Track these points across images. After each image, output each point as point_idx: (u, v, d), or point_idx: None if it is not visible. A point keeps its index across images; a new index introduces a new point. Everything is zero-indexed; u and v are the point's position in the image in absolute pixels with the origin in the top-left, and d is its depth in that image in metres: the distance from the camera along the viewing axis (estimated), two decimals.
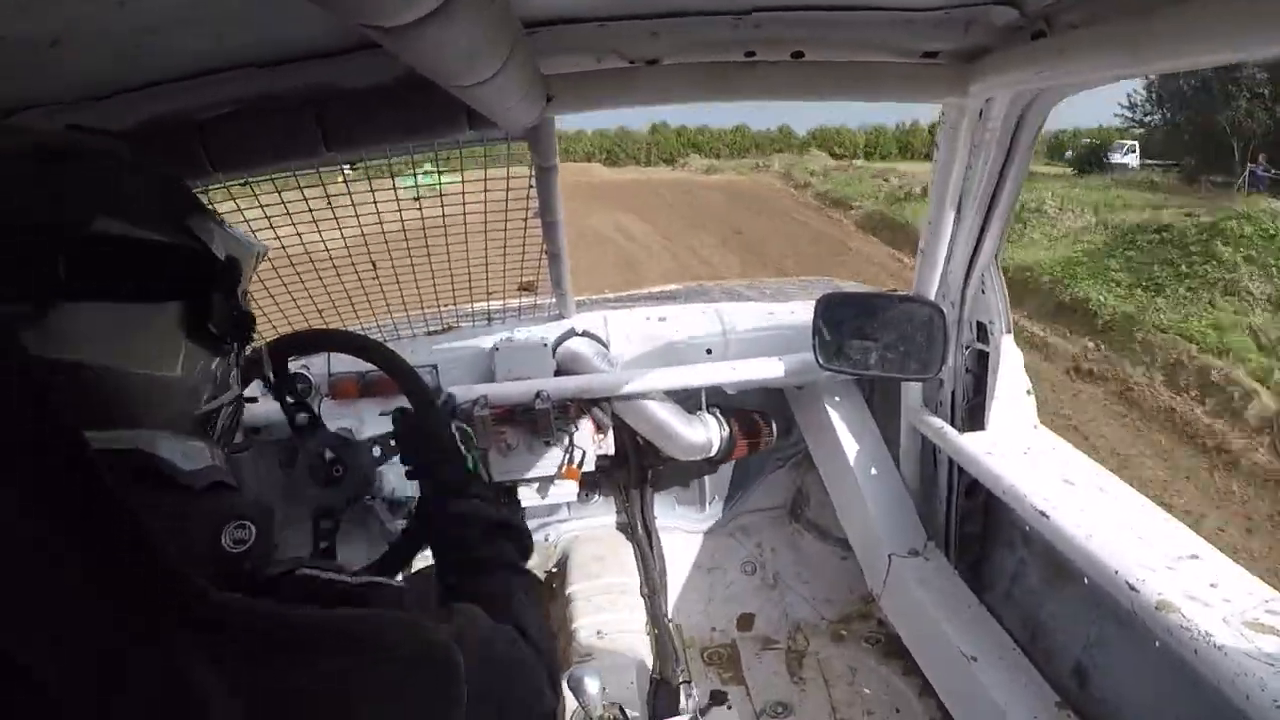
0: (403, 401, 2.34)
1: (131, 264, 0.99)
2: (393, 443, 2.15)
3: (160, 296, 1.03)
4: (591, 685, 2.62)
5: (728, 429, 3.76)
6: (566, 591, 3.71)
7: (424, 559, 2.00)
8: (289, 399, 2.15)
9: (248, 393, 1.87)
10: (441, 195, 2.86)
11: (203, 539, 0.98)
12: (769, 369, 3.41)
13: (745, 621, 3.92)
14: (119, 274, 0.97)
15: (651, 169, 72.59)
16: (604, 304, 4.05)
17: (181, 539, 0.86)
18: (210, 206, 1.21)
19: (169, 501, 0.98)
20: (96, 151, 1.04)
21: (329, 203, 2.81)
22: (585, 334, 3.55)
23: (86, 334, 0.94)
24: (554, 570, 4.02)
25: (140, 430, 0.99)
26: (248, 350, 1.30)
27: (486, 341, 3.50)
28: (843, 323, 3.03)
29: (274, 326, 3.12)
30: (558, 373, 3.47)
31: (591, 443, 3.58)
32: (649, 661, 3.27)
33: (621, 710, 2.68)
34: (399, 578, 1.17)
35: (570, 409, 3.49)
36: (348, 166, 2.65)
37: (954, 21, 2.02)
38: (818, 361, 3.09)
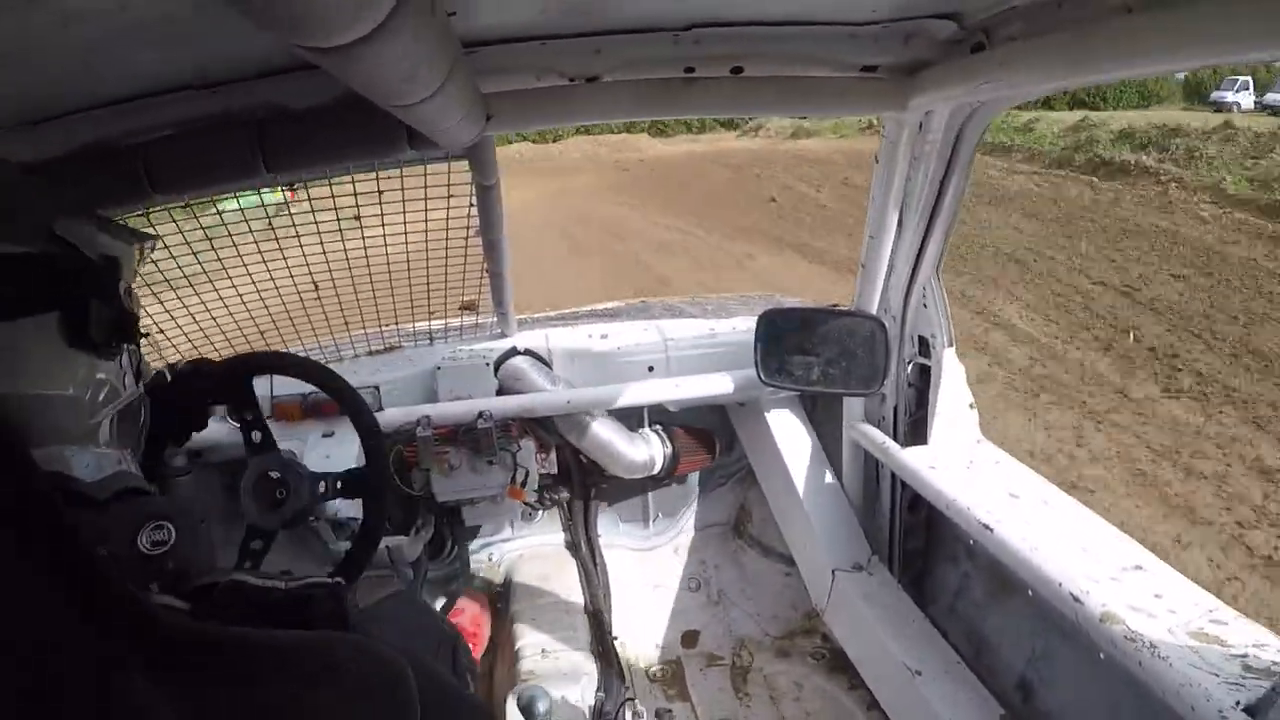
0: (344, 423, 2.33)
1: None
2: (338, 484, 2.14)
3: (33, 310, 1.00)
4: (540, 706, 2.60)
5: (670, 446, 3.77)
6: (511, 611, 3.69)
7: None
8: (248, 417, 2.13)
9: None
10: (382, 215, 2.83)
11: (120, 544, 0.96)
12: (711, 385, 3.41)
13: (690, 639, 3.91)
14: None
15: (712, 136, 53.68)
16: (546, 322, 4.04)
17: (99, 549, 0.84)
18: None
19: (82, 514, 0.96)
20: None
21: (270, 224, 2.79)
22: (527, 352, 3.55)
23: None
24: (499, 590, 4.00)
25: (41, 449, 0.97)
26: (141, 348, 1.27)
27: (428, 361, 3.49)
28: (784, 338, 3.04)
29: (214, 347, 3.09)
30: (500, 392, 3.46)
31: (535, 462, 3.57)
32: (594, 680, 3.25)
33: None
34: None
35: (513, 428, 3.49)
36: (287, 188, 2.63)
37: (893, 35, 2.04)
38: (759, 377, 3.10)
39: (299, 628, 1.01)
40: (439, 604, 3.76)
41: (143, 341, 1.29)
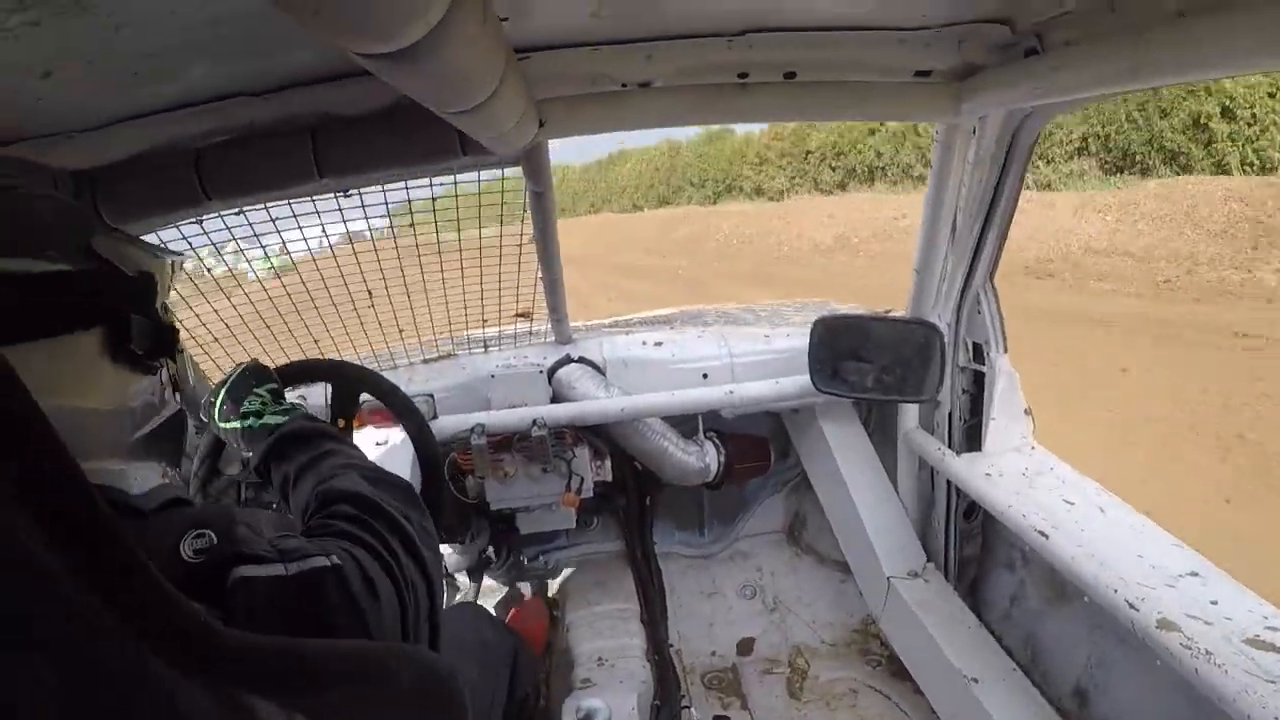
0: (398, 432, 2.35)
1: (44, 300, 0.96)
2: None
3: (77, 326, 1.00)
4: (600, 716, 2.61)
5: (725, 454, 3.74)
6: (566, 619, 3.72)
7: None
8: (340, 424, 2.17)
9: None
10: (436, 223, 2.85)
11: (162, 555, 0.96)
12: (766, 392, 3.40)
13: (746, 646, 3.91)
14: (34, 313, 0.94)
15: None
16: (600, 330, 4.04)
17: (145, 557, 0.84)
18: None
19: (129, 524, 0.97)
20: None
21: (323, 230, 2.81)
22: (581, 360, 3.55)
23: None
24: (554, 597, 4.02)
25: (84, 464, 0.97)
26: (176, 362, 1.26)
27: (483, 369, 3.49)
28: (839, 345, 3.03)
29: (269, 357, 3.12)
30: (554, 399, 3.47)
31: (590, 469, 3.57)
32: (651, 688, 3.26)
33: None
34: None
35: (567, 436, 3.49)
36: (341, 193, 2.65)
37: (946, 40, 2.03)
38: (814, 384, 3.08)
39: (313, 615, 1.02)
40: (494, 610, 3.78)
41: (190, 348, 1.29)
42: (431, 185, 2.66)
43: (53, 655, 0.66)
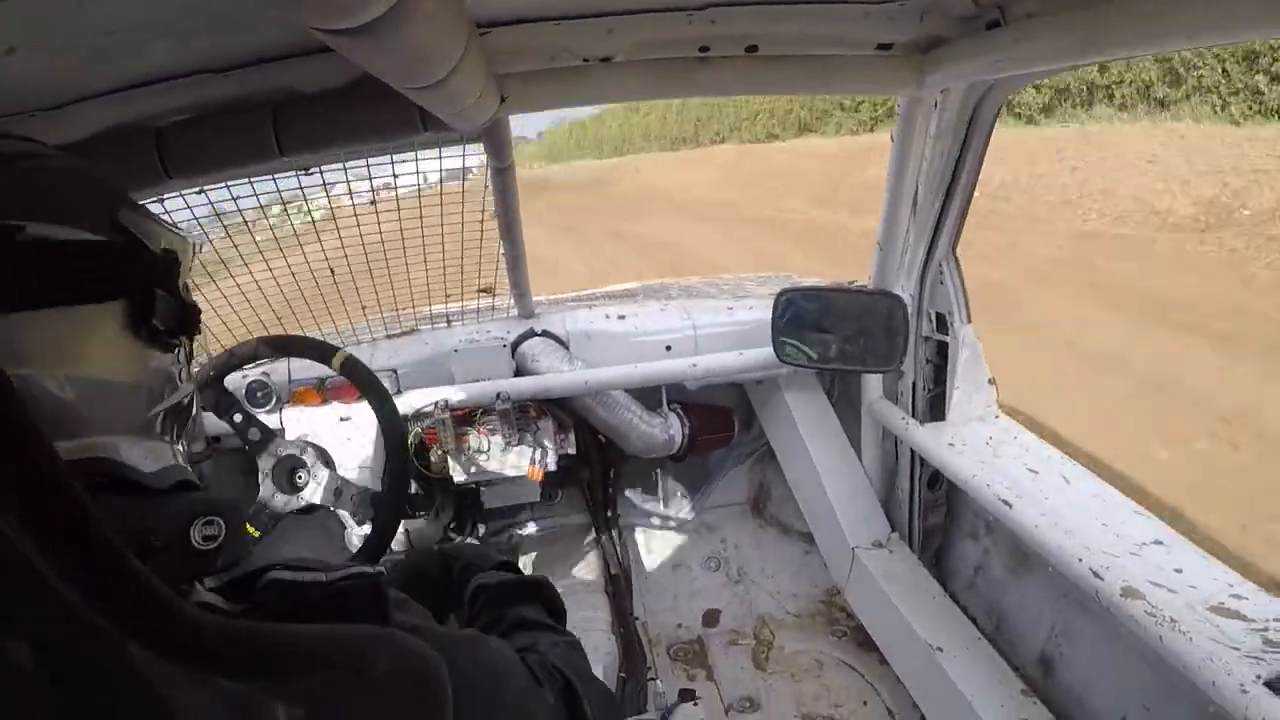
0: (362, 407, 2.34)
1: (69, 267, 0.95)
2: (352, 497, 2.16)
3: (101, 297, 0.99)
4: None
5: (688, 425, 3.75)
6: None
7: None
8: (237, 416, 2.15)
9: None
10: (397, 198, 2.83)
11: (172, 538, 0.95)
12: (729, 363, 3.40)
13: (711, 617, 3.93)
14: (57, 279, 0.93)
15: None
16: (563, 304, 4.03)
17: (151, 540, 0.84)
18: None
19: (135, 506, 0.96)
20: (15, 154, 0.99)
21: (285, 209, 2.79)
22: (544, 334, 3.54)
23: (31, 344, 0.90)
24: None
25: (98, 437, 0.96)
26: (197, 344, 1.26)
27: (446, 344, 3.48)
28: (802, 316, 3.02)
29: (232, 334, 3.09)
30: (518, 373, 3.46)
31: (553, 442, 3.56)
32: (616, 660, 3.26)
33: None
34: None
35: (531, 409, 3.49)
36: (302, 171, 2.62)
37: (908, 13, 2.02)
38: (777, 355, 3.08)
39: (334, 611, 1.01)
40: None
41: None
42: (392, 161, 2.65)
43: (46, 653, 0.67)
